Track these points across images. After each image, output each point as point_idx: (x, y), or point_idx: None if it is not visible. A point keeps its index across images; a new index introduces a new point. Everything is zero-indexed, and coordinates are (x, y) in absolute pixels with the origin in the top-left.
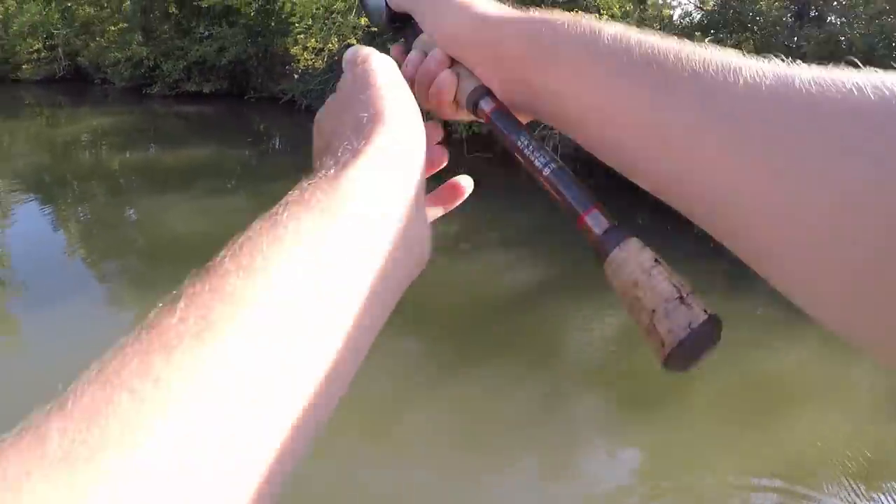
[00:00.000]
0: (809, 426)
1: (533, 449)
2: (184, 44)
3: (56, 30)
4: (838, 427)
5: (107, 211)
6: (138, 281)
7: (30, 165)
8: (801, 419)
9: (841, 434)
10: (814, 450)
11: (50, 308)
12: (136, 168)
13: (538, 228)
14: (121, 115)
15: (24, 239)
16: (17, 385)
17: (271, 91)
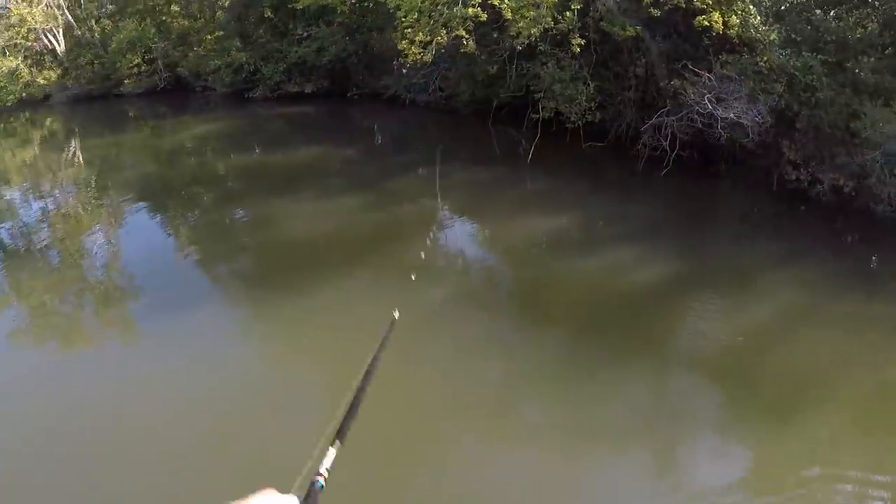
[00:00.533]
0: None
1: (647, 444)
2: (282, 46)
3: (154, 44)
4: None
5: (216, 215)
6: (250, 281)
7: (138, 175)
8: None
9: None
10: None
11: (166, 311)
12: (242, 171)
13: (660, 221)
14: (224, 121)
15: (137, 246)
16: (138, 386)
17: (373, 87)
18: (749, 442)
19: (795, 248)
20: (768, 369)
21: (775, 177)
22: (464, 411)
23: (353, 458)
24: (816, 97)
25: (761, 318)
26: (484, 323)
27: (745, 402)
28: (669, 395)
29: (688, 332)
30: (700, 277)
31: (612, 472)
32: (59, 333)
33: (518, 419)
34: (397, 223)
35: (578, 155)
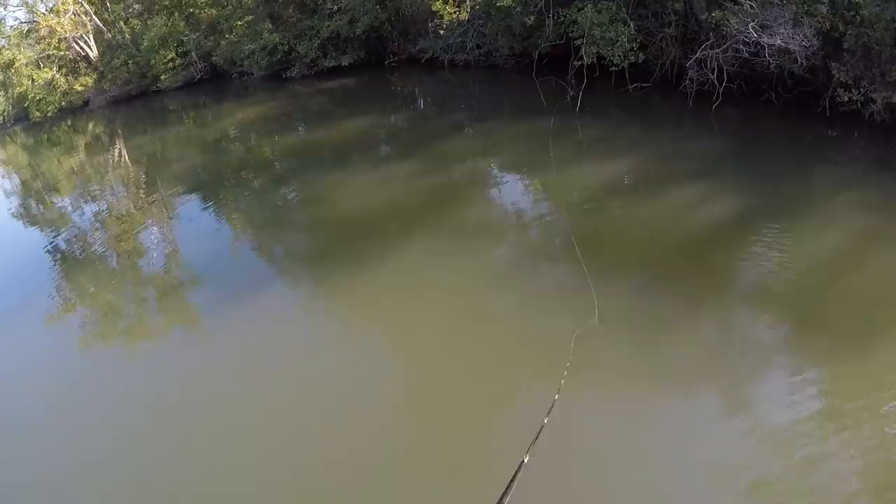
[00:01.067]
0: None
1: (721, 385)
2: (313, 22)
3: (185, 36)
4: None
5: (267, 197)
6: (310, 260)
7: (185, 167)
8: None
9: None
10: None
11: (229, 299)
12: (288, 151)
13: (716, 156)
14: (265, 104)
15: (192, 237)
16: (212, 378)
17: (410, 52)
18: (823, 375)
19: (856, 171)
20: (839, 298)
21: (826, 101)
22: (538, 363)
23: (433, 417)
24: (861, 15)
25: (827, 245)
26: (551, 276)
27: (818, 334)
28: (741, 333)
29: (755, 267)
30: (762, 209)
31: (688, 414)
32: (126, 332)
33: (592, 368)
34: (451, 185)
35: (626, 98)
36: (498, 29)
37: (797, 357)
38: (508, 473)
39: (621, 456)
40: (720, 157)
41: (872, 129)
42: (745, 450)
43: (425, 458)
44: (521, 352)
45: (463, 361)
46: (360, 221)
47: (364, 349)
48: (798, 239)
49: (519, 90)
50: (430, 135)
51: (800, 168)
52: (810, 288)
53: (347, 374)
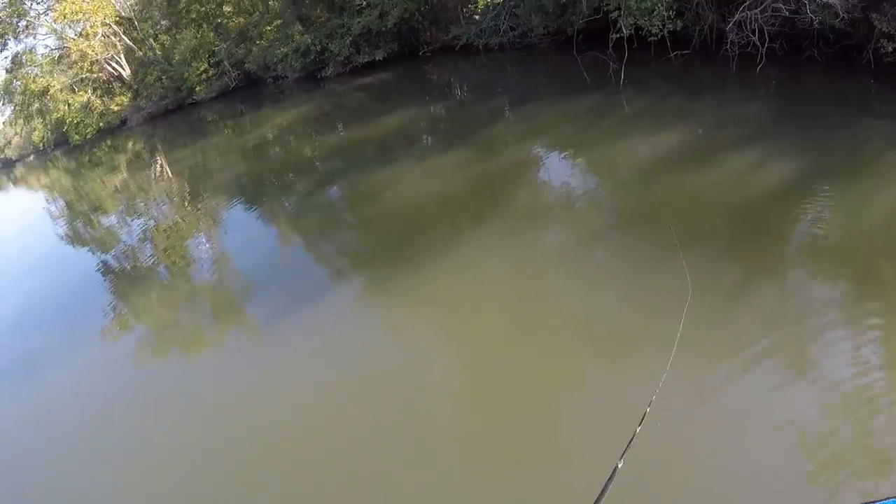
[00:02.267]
0: None
1: (784, 347)
2: (343, 20)
3: (215, 46)
4: None
5: (313, 199)
6: (363, 260)
7: (228, 175)
8: None
9: None
10: None
11: (283, 305)
12: (330, 150)
13: (765, 119)
14: (302, 105)
15: (240, 245)
16: (274, 387)
17: (443, 41)
18: (889, 332)
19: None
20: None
21: (870, 53)
22: (603, 342)
23: (511, 420)
24: None
25: (883, 201)
26: (610, 255)
27: (892, 291)
28: (806, 296)
29: (816, 228)
30: (817, 170)
31: (752, 379)
32: (182, 344)
33: (657, 341)
34: (499, 172)
35: (667, 67)
36: (531, 8)
37: (859, 316)
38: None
39: (716, 439)
40: (769, 120)
41: None
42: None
43: (505, 465)
44: (583, 335)
45: (538, 358)
46: (409, 217)
47: (428, 352)
48: (854, 196)
49: (557, 69)
50: (471, 122)
51: (850, 124)
52: (871, 245)
53: (412, 377)
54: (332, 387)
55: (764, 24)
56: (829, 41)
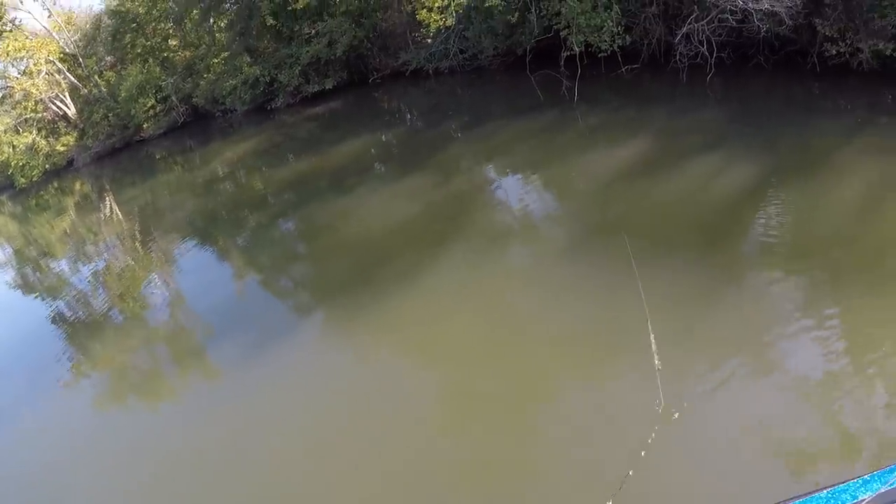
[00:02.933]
0: None
1: (757, 345)
2: (291, 50)
3: (162, 81)
4: None
5: (266, 232)
6: (318, 292)
7: (179, 214)
8: None
9: None
10: None
11: (240, 341)
12: (282, 183)
13: (720, 126)
14: (252, 138)
15: (195, 284)
16: (232, 421)
17: (393, 67)
18: (849, 320)
19: (856, 120)
20: (861, 244)
21: (814, 57)
22: (574, 360)
23: (486, 448)
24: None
25: (848, 195)
26: (572, 272)
27: (846, 282)
28: (775, 295)
29: (774, 230)
30: (772, 171)
31: (729, 374)
32: (142, 391)
33: (634, 345)
34: (457, 195)
35: (619, 82)
36: (480, 31)
37: (829, 307)
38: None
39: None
40: (722, 127)
41: (861, 78)
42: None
43: (483, 493)
44: (561, 347)
45: (510, 380)
46: (369, 246)
47: (398, 381)
48: (808, 195)
49: (509, 89)
50: (426, 147)
51: (799, 126)
52: (831, 238)
53: (384, 408)
54: (300, 422)
55: (711, 35)
56: (774, 48)
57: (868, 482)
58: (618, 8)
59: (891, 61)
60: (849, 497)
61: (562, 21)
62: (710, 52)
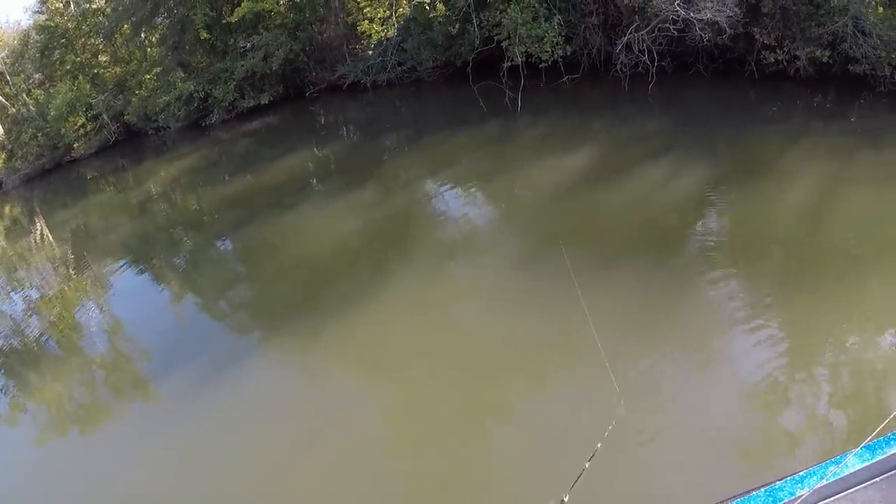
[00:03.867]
0: None
1: (696, 336)
2: (226, 64)
3: (93, 99)
4: None
5: (203, 253)
6: (258, 312)
7: (114, 236)
8: None
9: None
10: None
11: (181, 364)
12: (220, 202)
13: (664, 133)
14: (187, 156)
15: (132, 308)
16: (177, 456)
17: (330, 80)
18: (791, 318)
19: (797, 124)
20: (809, 245)
21: (752, 65)
22: (523, 371)
23: (443, 456)
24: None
25: (789, 199)
26: (517, 284)
27: (787, 282)
28: (718, 296)
29: (726, 233)
30: (721, 178)
31: (674, 372)
32: (82, 420)
33: (581, 349)
34: (399, 211)
35: (561, 92)
36: (420, 42)
37: (771, 307)
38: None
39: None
40: (665, 135)
41: (798, 84)
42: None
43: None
44: (527, 374)
45: (462, 392)
46: (309, 266)
47: (345, 402)
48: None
49: (450, 101)
50: (367, 162)
51: (742, 131)
52: (772, 238)
53: (335, 429)
54: (248, 448)
55: (651, 45)
56: (713, 56)
57: (805, 478)
58: (559, 19)
59: (826, 67)
60: (787, 494)
61: (503, 32)
62: (651, 61)
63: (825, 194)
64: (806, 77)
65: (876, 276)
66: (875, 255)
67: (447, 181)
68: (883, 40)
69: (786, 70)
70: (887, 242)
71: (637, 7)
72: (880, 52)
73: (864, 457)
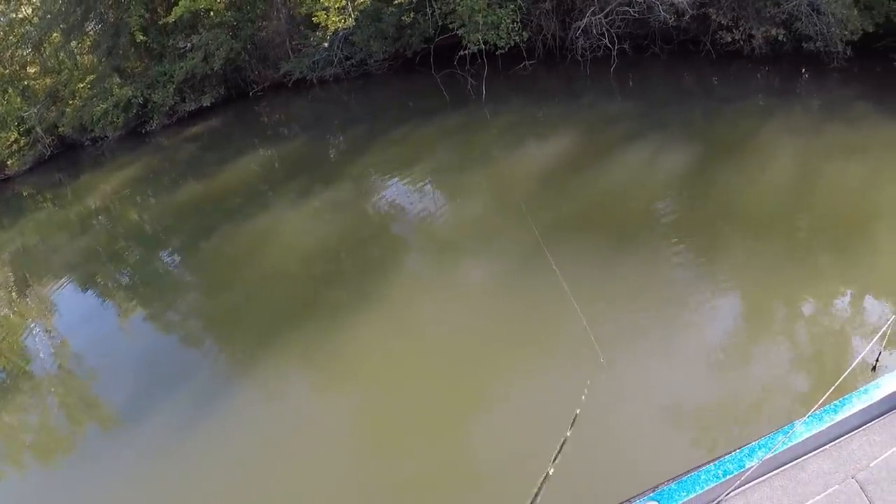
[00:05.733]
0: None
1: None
2: (164, 67)
3: (24, 112)
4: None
5: (152, 269)
6: (212, 325)
7: (54, 255)
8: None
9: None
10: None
11: (134, 383)
12: (165, 213)
13: (630, 115)
14: (128, 166)
15: (81, 330)
16: (135, 471)
17: (273, 78)
18: (749, 289)
19: (761, 103)
20: (781, 219)
21: (708, 45)
22: (506, 356)
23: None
24: None
25: (767, 174)
26: (494, 275)
27: (764, 252)
28: (688, 270)
29: (717, 209)
30: (696, 156)
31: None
32: (36, 449)
33: (574, 332)
34: (363, 212)
35: (521, 78)
36: (369, 35)
37: (733, 279)
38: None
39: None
40: (631, 118)
41: (754, 62)
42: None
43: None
44: (510, 359)
45: (444, 382)
46: (265, 277)
47: (321, 413)
48: (724, 175)
49: (403, 93)
50: (324, 162)
51: (707, 111)
52: (770, 212)
53: (310, 444)
54: (217, 468)
55: (609, 28)
56: (668, 38)
57: (753, 450)
58: (513, 6)
59: (779, 45)
60: (735, 466)
61: (457, 20)
62: (611, 43)
63: (797, 169)
64: (761, 55)
65: (851, 245)
66: (846, 225)
67: (417, 176)
68: (836, 17)
69: (741, 49)
70: (858, 213)
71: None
72: (834, 28)
73: (811, 425)
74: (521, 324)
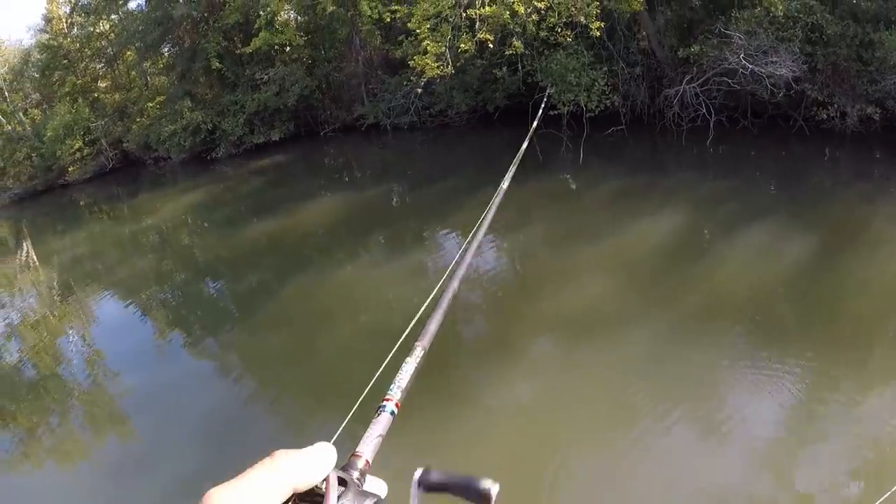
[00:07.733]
0: None
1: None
2: (236, 97)
3: (92, 123)
4: None
5: (194, 293)
6: (246, 355)
7: (101, 266)
8: None
9: None
10: None
11: (160, 401)
12: (219, 242)
13: (750, 190)
14: (190, 191)
15: (116, 342)
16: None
17: (345, 120)
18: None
19: (874, 184)
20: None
21: (800, 120)
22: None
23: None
24: (826, 35)
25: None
26: (618, 343)
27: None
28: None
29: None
30: (820, 244)
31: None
32: (56, 453)
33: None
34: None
35: (612, 143)
36: (451, 86)
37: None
38: None
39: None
40: (743, 195)
41: (850, 141)
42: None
43: None
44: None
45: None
46: (296, 309)
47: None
48: (857, 265)
49: (485, 148)
50: (379, 209)
51: (822, 193)
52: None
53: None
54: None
55: (706, 98)
56: (759, 112)
57: None
58: (606, 68)
59: (870, 123)
60: None
61: (548, 78)
62: (708, 114)
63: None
64: (853, 133)
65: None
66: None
67: (511, 245)
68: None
69: (833, 126)
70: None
71: (694, 59)
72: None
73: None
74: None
